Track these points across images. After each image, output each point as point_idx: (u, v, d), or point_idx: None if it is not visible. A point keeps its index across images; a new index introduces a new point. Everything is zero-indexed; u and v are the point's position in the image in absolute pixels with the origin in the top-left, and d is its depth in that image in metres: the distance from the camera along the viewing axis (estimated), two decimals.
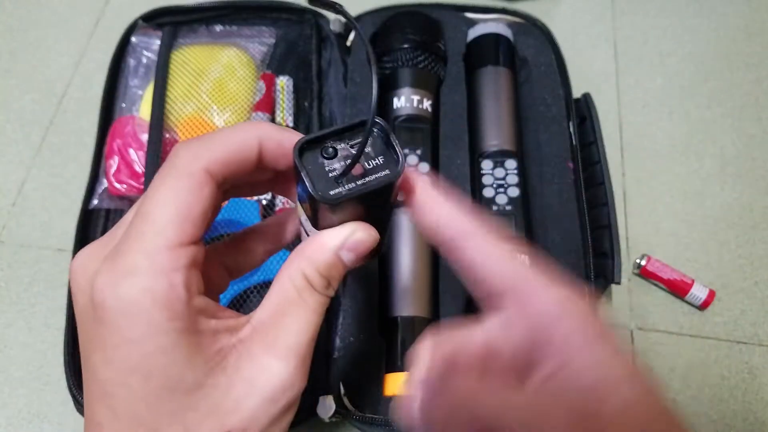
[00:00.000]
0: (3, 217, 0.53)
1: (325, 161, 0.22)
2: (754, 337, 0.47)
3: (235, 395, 0.21)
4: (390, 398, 0.39)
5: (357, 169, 0.22)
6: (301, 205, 0.25)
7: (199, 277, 0.22)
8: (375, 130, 0.23)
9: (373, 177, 0.22)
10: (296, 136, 0.23)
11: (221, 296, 0.42)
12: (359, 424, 0.39)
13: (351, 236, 0.23)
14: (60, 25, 0.63)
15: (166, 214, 0.21)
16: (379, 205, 0.24)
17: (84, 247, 0.23)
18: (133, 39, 0.52)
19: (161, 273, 0.20)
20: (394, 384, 0.39)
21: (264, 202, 0.46)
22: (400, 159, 0.22)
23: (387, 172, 0.22)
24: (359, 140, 0.22)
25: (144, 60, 0.51)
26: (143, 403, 0.20)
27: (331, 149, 0.22)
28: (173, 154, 0.22)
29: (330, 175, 0.22)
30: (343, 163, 0.22)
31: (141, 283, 0.20)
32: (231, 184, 0.24)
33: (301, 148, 0.22)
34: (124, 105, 0.50)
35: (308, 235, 0.25)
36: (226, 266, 0.28)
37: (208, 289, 0.25)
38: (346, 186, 0.22)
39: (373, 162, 0.23)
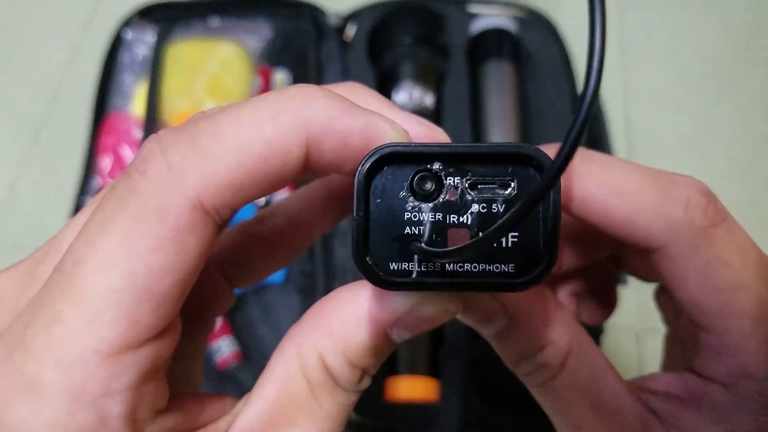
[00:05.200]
0: None
1: (412, 200, 0.13)
2: None
3: None
4: (391, 402, 0.38)
5: (455, 235, 0.13)
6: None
7: (162, 384, 0.13)
8: (515, 173, 0.13)
9: (476, 268, 0.13)
10: (379, 127, 0.13)
11: None
12: (359, 430, 0.38)
13: (415, 310, 0.14)
14: (53, 20, 0.62)
15: (106, 290, 0.12)
16: None
17: None
18: (128, 34, 0.51)
19: (85, 400, 0.12)
20: (395, 388, 0.38)
21: (262, 201, 0.44)
22: (544, 265, 0.13)
23: (508, 273, 0.13)
24: (493, 185, 0.13)
25: (138, 55, 0.50)
26: None
27: (430, 183, 0.13)
28: (141, 162, 0.13)
29: (405, 231, 0.13)
30: (438, 218, 0.13)
31: (48, 414, 0.12)
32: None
33: (378, 163, 0.13)
34: (117, 101, 0.49)
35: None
36: (230, 276, 0.19)
37: (206, 311, 0.18)
38: (422, 266, 0.13)
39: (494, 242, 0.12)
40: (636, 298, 0.48)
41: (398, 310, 0.14)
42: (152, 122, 0.46)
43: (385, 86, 0.47)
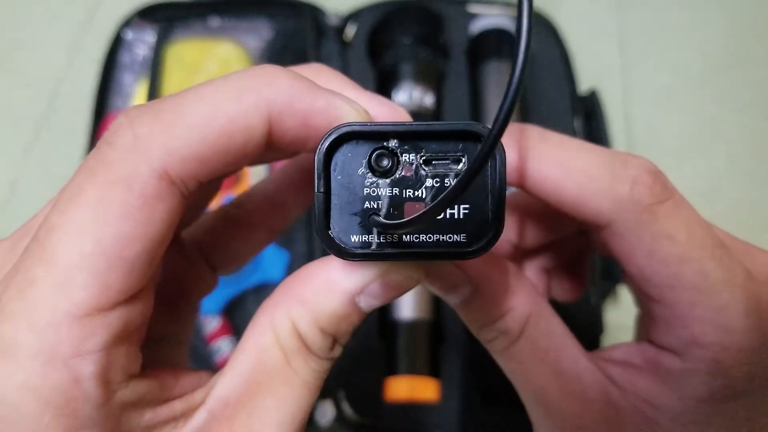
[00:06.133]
0: None
1: (369, 176, 0.14)
2: None
3: None
4: (391, 402, 0.38)
5: (411, 208, 0.14)
6: None
7: (134, 350, 0.14)
8: (465, 149, 0.14)
9: (433, 240, 0.13)
10: (339, 107, 0.14)
11: (209, 303, 0.41)
12: (359, 430, 0.38)
13: (379, 278, 0.15)
14: (53, 20, 0.61)
15: (77, 255, 0.12)
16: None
17: None
18: (128, 34, 0.51)
19: (58, 361, 0.12)
20: (395, 388, 0.38)
21: None
22: (492, 232, 0.13)
23: (460, 241, 0.13)
24: (446, 161, 0.13)
25: (138, 56, 0.50)
26: None
27: (386, 159, 0.13)
28: (110, 134, 0.13)
29: (364, 206, 0.13)
30: (395, 192, 0.13)
31: (22, 376, 0.12)
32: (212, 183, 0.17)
33: (338, 141, 0.13)
34: (117, 101, 0.49)
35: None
36: (212, 260, 0.19)
37: (189, 294, 0.19)
38: (381, 237, 0.13)
39: (448, 210, 0.13)
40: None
41: (365, 278, 0.15)
42: None
43: (385, 86, 0.47)
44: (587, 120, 0.47)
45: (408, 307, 0.40)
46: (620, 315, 0.47)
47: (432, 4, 0.50)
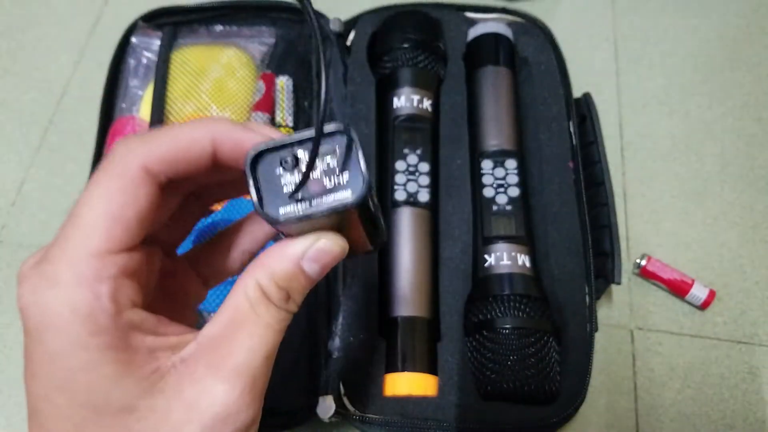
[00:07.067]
0: (2, 217, 0.53)
1: (282, 172, 0.20)
2: (754, 337, 0.47)
3: (174, 421, 0.19)
4: (390, 398, 0.39)
5: (317, 186, 0.20)
6: None
7: (135, 288, 0.20)
8: (336, 141, 0.20)
9: (331, 199, 0.20)
10: (261, 136, 0.22)
11: (210, 302, 0.42)
12: (359, 424, 0.39)
13: (314, 245, 0.21)
14: (59, 25, 0.63)
15: (94, 216, 0.19)
16: (349, 223, 0.22)
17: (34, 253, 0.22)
18: (133, 39, 0.52)
19: (84, 283, 0.18)
20: (394, 384, 0.39)
21: None
22: (362, 182, 0.20)
23: (346, 195, 0.20)
24: (326, 152, 0.20)
25: (144, 60, 0.51)
26: (69, 423, 0.19)
27: (290, 159, 0.20)
28: (111, 150, 0.21)
29: (284, 190, 0.20)
30: (301, 177, 0.20)
31: (62, 295, 0.18)
32: (189, 188, 0.24)
33: (258, 155, 0.20)
34: (124, 105, 0.50)
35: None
36: (201, 274, 0.26)
37: (183, 301, 0.25)
38: (299, 205, 0.20)
39: (335, 179, 0.20)
40: (629, 298, 0.49)
41: (304, 245, 0.21)
42: (159, 126, 0.47)
43: (384, 92, 0.48)
44: (581, 123, 0.48)
45: (407, 305, 0.41)
46: (614, 314, 0.48)
47: (430, 11, 0.51)
